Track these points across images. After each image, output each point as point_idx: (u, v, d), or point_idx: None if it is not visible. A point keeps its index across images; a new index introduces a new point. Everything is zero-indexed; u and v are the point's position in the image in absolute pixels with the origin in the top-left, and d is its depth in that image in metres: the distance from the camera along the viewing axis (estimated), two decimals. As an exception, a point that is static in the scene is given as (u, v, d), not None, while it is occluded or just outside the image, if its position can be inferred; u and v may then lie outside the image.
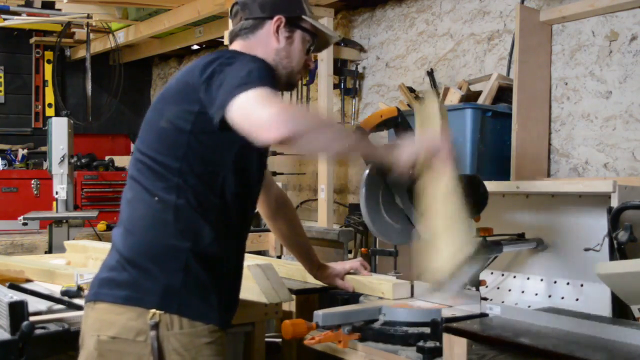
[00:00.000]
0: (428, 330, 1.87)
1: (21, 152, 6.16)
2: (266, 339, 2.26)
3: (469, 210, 1.99)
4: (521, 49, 3.12)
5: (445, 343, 1.71)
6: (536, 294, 2.47)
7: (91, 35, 6.27)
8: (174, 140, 1.67)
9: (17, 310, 1.77)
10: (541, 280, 2.49)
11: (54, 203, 4.64)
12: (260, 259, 2.68)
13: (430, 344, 1.82)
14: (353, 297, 2.23)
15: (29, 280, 2.46)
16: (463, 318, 1.84)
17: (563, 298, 2.39)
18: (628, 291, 1.87)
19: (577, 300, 2.34)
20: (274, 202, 2.27)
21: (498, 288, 2.59)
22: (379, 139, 2.20)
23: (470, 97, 3.35)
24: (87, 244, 3.09)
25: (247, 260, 1.94)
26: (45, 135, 4.79)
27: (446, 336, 1.71)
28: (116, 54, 6.42)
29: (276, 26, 1.85)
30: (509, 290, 2.56)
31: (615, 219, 2.02)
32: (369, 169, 2.09)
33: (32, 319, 1.81)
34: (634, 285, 1.82)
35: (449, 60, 3.94)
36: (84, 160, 5.84)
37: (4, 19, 5.70)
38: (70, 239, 4.15)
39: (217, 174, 1.69)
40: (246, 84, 1.54)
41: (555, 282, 2.44)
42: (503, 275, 2.61)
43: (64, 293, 2.17)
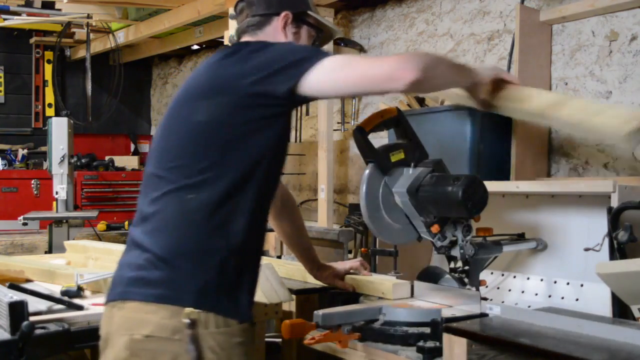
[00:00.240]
0: (428, 330, 1.87)
1: (21, 152, 6.16)
2: (266, 339, 2.26)
3: (469, 210, 2.01)
4: (521, 49, 3.11)
5: (445, 343, 1.71)
6: (536, 294, 2.47)
7: (91, 35, 6.27)
8: (213, 133, 1.64)
9: (17, 310, 1.77)
10: (541, 280, 2.48)
11: (54, 203, 4.65)
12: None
13: (430, 344, 1.81)
14: (353, 297, 2.23)
15: (29, 280, 2.46)
16: (463, 318, 1.84)
17: (563, 298, 2.38)
18: (628, 291, 1.87)
19: (577, 300, 2.34)
20: (279, 201, 2.24)
21: (498, 288, 2.59)
22: (379, 139, 2.20)
23: (470, 97, 3.35)
24: (87, 244, 3.09)
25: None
26: (45, 135, 4.79)
27: (446, 336, 1.70)
28: (116, 54, 6.42)
29: (284, 22, 1.86)
30: (509, 290, 2.56)
31: (615, 219, 2.02)
32: (369, 168, 2.09)
33: (32, 319, 1.81)
34: (634, 285, 1.82)
35: (449, 60, 3.94)
36: (84, 160, 5.84)
37: (4, 19, 5.70)
38: (70, 239, 4.16)
39: (259, 164, 1.67)
40: (318, 53, 1.63)
41: (555, 282, 2.44)
42: (503, 275, 2.61)
43: (64, 293, 2.17)
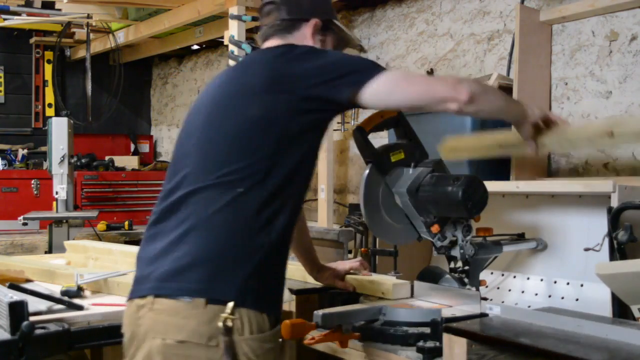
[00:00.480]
0: (428, 330, 1.87)
1: (21, 152, 6.15)
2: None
3: (469, 210, 2.01)
4: (521, 49, 3.11)
5: (445, 343, 1.71)
6: (536, 294, 2.47)
7: (91, 35, 6.26)
8: (267, 129, 1.65)
9: (17, 310, 1.77)
10: (541, 280, 2.49)
11: (54, 203, 4.64)
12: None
13: (430, 344, 1.81)
14: (353, 297, 2.23)
15: (29, 280, 2.46)
16: (463, 318, 1.84)
17: (563, 298, 2.39)
18: (628, 291, 1.87)
19: (577, 300, 2.34)
20: None
21: (498, 288, 2.59)
22: (379, 139, 2.20)
23: (470, 97, 3.34)
24: (87, 244, 3.09)
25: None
26: (45, 135, 4.79)
27: (446, 336, 1.70)
28: (116, 54, 6.41)
29: (313, 29, 1.88)
30: (509, 290, 2.56)
31: (615, 219, 2.02)
32: (369, 168, 2.09)
33: (32, 319, 1.81)
34: (634, 285, 1.82)
35: (449, 60, 3.94)
36: (84, 160, 5.83)
37: (4, 19, 5.69)
38: (70, 239, 4.16)
39: (302, 163, 1.68)
40: (377, 65, 1.73)
41: (555, 282, 2.44)
42: (503, 275, 2.61)
43: (64, 293, 2.17)
